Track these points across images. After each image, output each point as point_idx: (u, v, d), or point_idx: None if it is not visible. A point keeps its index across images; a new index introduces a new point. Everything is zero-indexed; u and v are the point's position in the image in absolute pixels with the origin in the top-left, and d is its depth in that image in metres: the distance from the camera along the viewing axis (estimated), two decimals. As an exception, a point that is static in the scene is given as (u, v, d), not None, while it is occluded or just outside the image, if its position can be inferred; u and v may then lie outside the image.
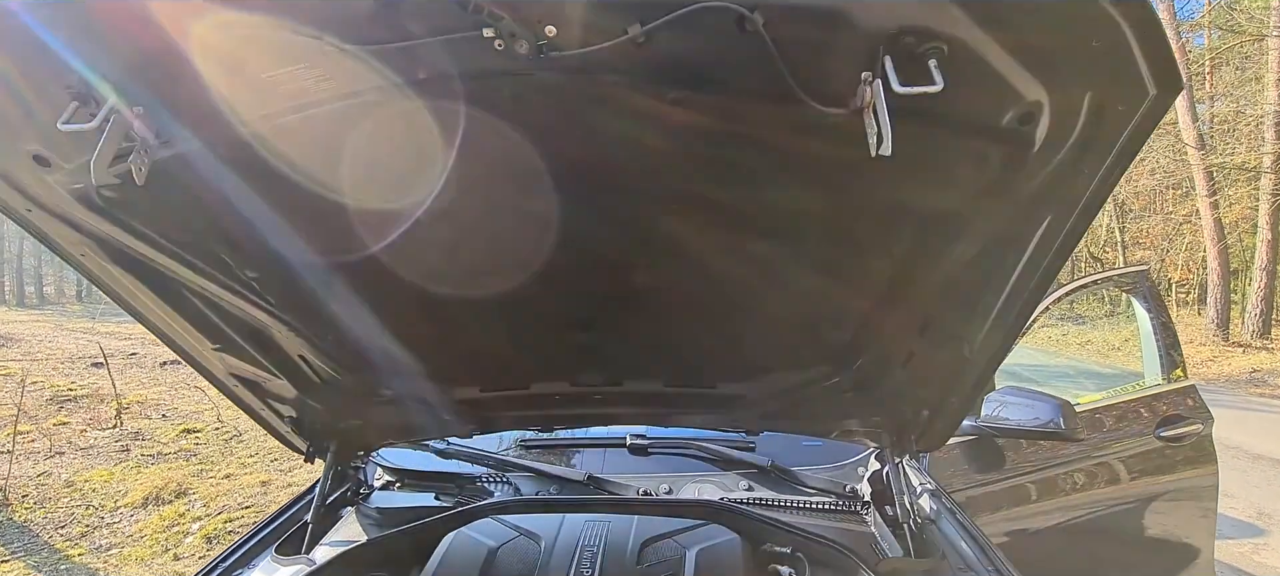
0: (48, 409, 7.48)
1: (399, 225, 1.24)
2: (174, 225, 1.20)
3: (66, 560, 4.29)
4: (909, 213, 1.16)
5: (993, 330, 1.40)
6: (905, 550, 1.71)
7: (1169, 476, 2.75)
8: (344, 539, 1.86)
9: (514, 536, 1.77)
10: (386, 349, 1.65)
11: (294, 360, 1.68)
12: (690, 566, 1.61)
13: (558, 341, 1.57)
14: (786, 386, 1.73)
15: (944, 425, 1.78)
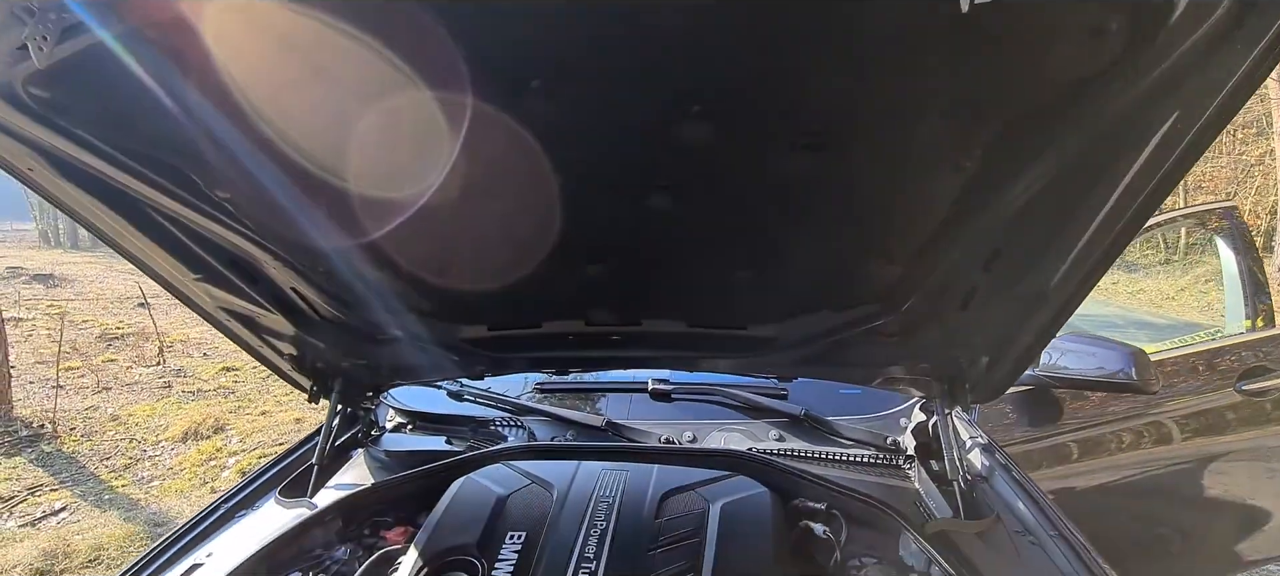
0: (96, 346, 7.76)
1: (388, 141, 1.07)
2: (117, 132, 1.05)
3: (110, 490, 4.45)
4: (993, 107, 0.93)
5: (1077, 264, 1.18)
6: (954, 510, 1.54)
7: (1249, 432, 2.50)
8: (350, 481, 1.78)
9: (525, 484, 1.66)
10: (385, 283, 1.51)
11: (287, 294, 1.55)
12: (714, 521, 1.47)
13: (566, 276, 1.40)
14: (825, 328, 1.54)
15: (1004, 375, 1.57)
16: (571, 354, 1.75)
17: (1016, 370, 1.55)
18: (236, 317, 1.62)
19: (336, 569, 1.50)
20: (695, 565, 1.34)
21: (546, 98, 0.93)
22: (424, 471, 1.78)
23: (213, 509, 1.71)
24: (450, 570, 1.39)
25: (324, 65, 0.94)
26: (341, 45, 0.87)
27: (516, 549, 1.41)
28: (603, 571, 1.33)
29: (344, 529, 1.65)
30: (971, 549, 1.38)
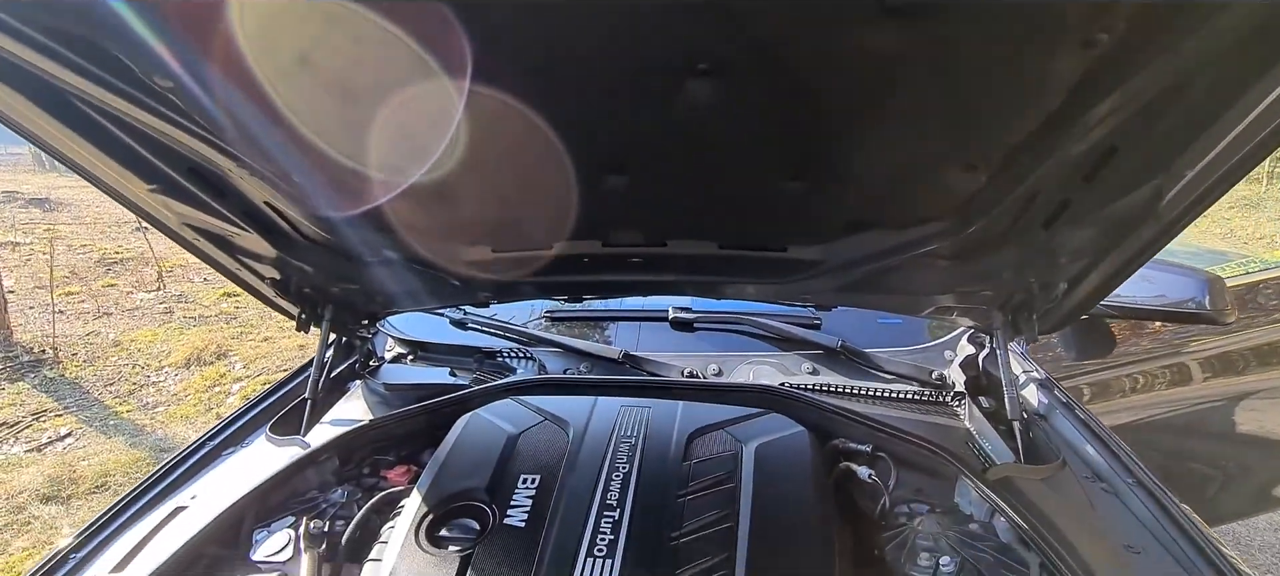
0: (95, 271, 7.63)
1: (365, 24, 0.84)
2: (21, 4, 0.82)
3: (115, 416, 4.41)
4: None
5: (1198, 180, 0.97)
6: (1014, 453, 1.39)
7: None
8: (347, 417, 1.63)
9: (537, 421, 1.51)
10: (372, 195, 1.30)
11: (261, 210, 1.35)
12: (748, 464, 1.33)
13: (583, 189, 1.18)
14: (879, 250, 1.34)
15: (1080, 302, 1.38)
16: (586, 278, 1.57)
17: (1096, 298, 1.36)
18: (207, 237, 1.42)
19: (334, 512, 1.37)
20: (731, 513, 1.20)
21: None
22: (427, 406, 1.63)
23: (198, 446, 1.57)
24: (458, 516, 1.25)
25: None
26: None
27: (530, 494, 1.27)
28: (628, 519, 1.19)
29: (341, 469, 1.52)
30: (1038, 497, 1.23)
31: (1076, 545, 1.11)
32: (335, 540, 1.29)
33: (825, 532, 1.17)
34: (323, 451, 1.48)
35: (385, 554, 1.19)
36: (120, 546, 1.24)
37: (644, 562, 1.09)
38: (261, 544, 1.28)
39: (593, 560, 1.10)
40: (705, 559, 1.10)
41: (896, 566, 1.20)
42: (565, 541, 1.14)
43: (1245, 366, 2.51)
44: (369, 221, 1.36)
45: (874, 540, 1.29)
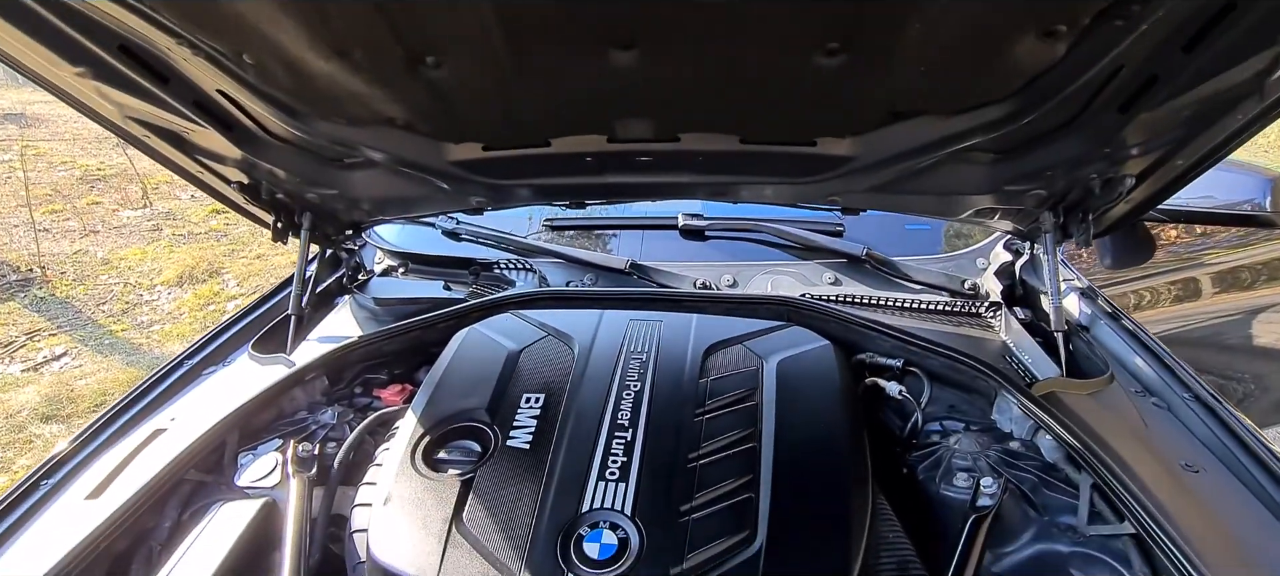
0: (79, 188, 7.39)
1: None
2: None
3: (110, 335, 4.34)
4: None
5: None
6: (1056, 366, 1.28)
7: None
8: (334, 334, 1.52)
9: (540, 336, 1.39)
10: (341, 84, 1.12)
11: (215, 101, 1.17)
12: (770, 380, 1.22)
13: (585, 68, 1.00)
14: (922, 142, 1.17)
15: (1144, 200, 1.24)
16: (589, 181, 1.41)
17: (1165, 194, 1.21)
18: (158, 133, 1.25)
19: (324, 435, 1.28)
20: (753, 433, 1.10)
21: None
22: (421, 322, 1.51)
23: (175, 365, 1.47)
24: (457, 438, 1.16)
25: None
26: None
27: (534, 414, 1.17)
28: (642, 440, 1.09)
29: (330, 388, 1.42)
30: (1087, 413, 1.13)
31: (1130, 464, 1.01)
32: (326, 463, 1.21)
33: (856, 453, 1.07)
34: (310, 370, 1.37)
35: (380, 478, 1.10)
36: (95, 471, 1.15)
37: (660, 486, 1.00)
38: (247, 468, 1.19)
39: (604, 484, 1.01)
40: (727, 481, 1.01)
41: (930, 488, 1.12)
42: (574, 464, 1.05)
43: (1253, 281, 2.41)
44: (342, 114, 1.19)
45: (905, 461, 1.20)
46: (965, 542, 0.91)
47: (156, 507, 1.13)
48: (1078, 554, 0.98)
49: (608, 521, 0.96)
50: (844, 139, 1.21)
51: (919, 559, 0.99)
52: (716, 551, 0.91)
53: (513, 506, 0.99)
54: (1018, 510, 1.03)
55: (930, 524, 1.09)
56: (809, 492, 0.99)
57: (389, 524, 1.00)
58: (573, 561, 0.91)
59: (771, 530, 0.93)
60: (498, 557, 0.92)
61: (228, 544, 1.04)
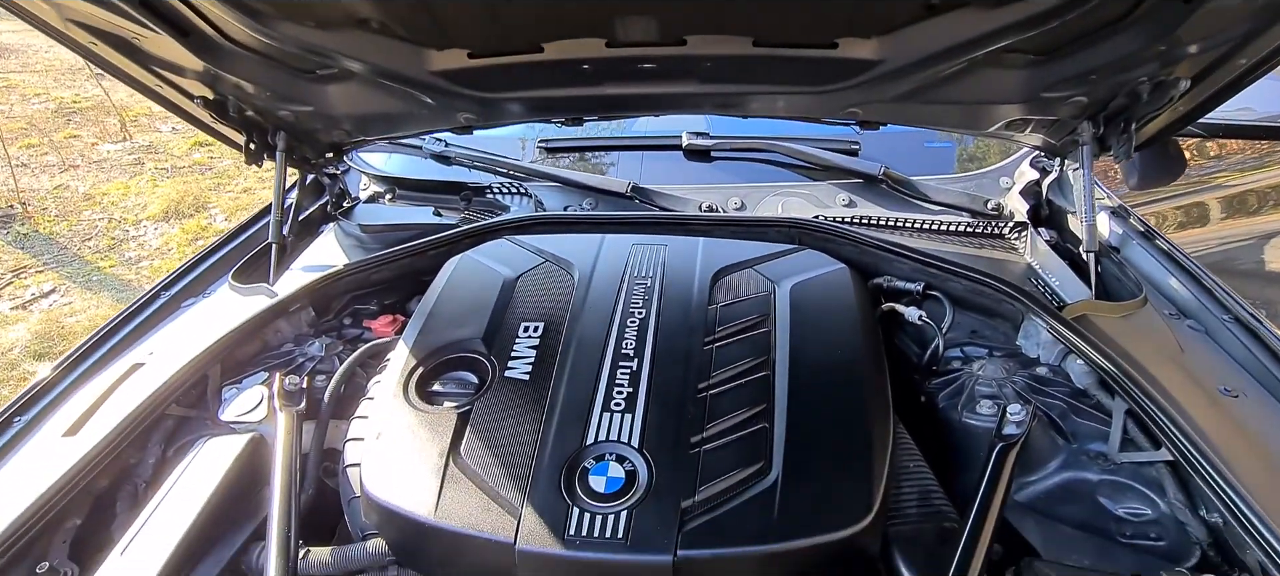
0: (55, 121, 7.10)
1: None
2: None
3: (98, 271, 4.24)
4: None
5: None
6: (1085, 287, 1.21)
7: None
8: (318, 264, 1.43)
9: (538, 263, 1.31)
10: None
11: (166, 2, 1.04)
12: (783, 305, 1.15)
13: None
14: (955, 43, 1.05)
15: (1193, 109, 1.13)
16: (586, 92, 1.29)
17: (1216, 101, 1.10)
18: (106, 40, 1.12)
19: (312, 367, 1.21)
20: (765, 361, 1.03)
21: None
22: (410, 249, 1.42)
23: (151, 297, 1.39)
24: (452, 369, 1.09)
25: None
26: None
27: (533, 343, 1.10)
28: (648, 369, 1.03)
29: (317, 320, 1.35)
30: (1120, 337, 1.07)
31: (1166, 389, 0.96)
32: (315, 397, 1.14)
33: (876, 380, 1.01)
34: (293, 300, 1.30)
35: (372, 411, 1.04)
36: (72, 407, 1.09)
37: (669, 417, 0.95)
38: (231, 402, 1.13)
39: (610, 415, 0.95)
40: (739, 411, 0.95)
41: (951, 416, 1.06)
42: (577, 395, 0.99)
43: (1260, 206, 2.32)
44: (309, 16, 1.06)
45: (923, 389, 1.15)
46: (991, 471, 0.86)
47: (138, 443, 1.07)
48: (1107, 482, 0.93)
49: (614, 454, 0.90)
50: (869, 39, 1.09)
51: (941, 489, 0.94)
52: (730, 483, 0.86)
53: (513, 439, 0.94)
54: (1045, 437, 0.98)
55: (951, 454, 1.04)
56: (826, 421, 0.94)
57: (383, 458, 0.95)
58: (578, 495, 0.86)
59: (787, 460, 0.88)
60: (498, 492, 0.86)
61: (215, 480, 0.98)
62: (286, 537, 0.86)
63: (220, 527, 0.96)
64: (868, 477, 0.86)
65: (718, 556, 0.79)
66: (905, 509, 0.90)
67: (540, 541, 0.81)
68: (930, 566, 0.84)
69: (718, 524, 0.81)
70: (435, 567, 0.92)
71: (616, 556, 0.80)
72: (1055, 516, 0.95)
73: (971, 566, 0.76)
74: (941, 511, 0.91)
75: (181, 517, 0.94)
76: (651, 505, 0.84)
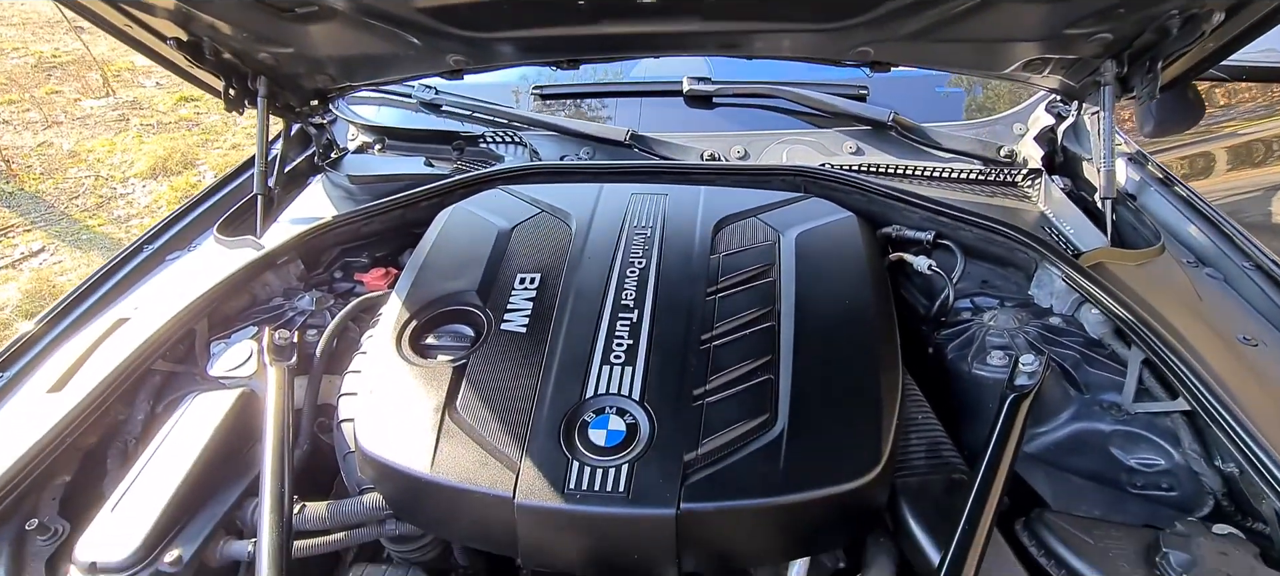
0: (35, 76, 6.90)
1: None
2: None
3: (87, 230, 4.18)
4: None
5: None
6: (1102, 235, 1.17)
7: None
8: (306, 216, 1.38)
9: (533, 212, 1.26)
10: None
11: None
12: (789, 254, 1.11)
13: None
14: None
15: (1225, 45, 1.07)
16: (581, 31, 1.22)
17: (1249, 37, 1.04)
18: (68, -26, 1.05)
19: (302, 322, 1.18)
20: (770, 311, 1.00)
21: None
22: (402, 199, 1.37)
23: (134, 250, 1.34)
24: (447, 322, 1.06)
25: None
26: None
27: (530, 295, 1.06)
28: (649, 321, 0.99)
29: (306, 273, 1.30)
30: (1137, 285, 1.03)
31: (1184, 337, 0.93)
32: (307, 352, 1.11)
33: (885, 330, 0.98)
34: (281, 253, 1.25)
35: (366, 366, 1.01)
36: (56, 363, 1.06)
37: (671, 369, 0.92)
38: (220, 357, 1.10)
39: (609, 367, 0.92)
40: (744, 363, 0.92)
41: (960, 367, 1.03)
42: (576, 347, 0.96)
43: (1267, 156, 2.26)
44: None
45: (931, 340, 1.12)
46: (1004, 423, 0.84)
47: (125, 399, 1.05)
48: (1120, 432, 0.91)
49: (614, 407, 0.88)
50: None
51: (950, 441, 0.92)
52: (734, 435, 0.83)
53: (510, 393, 0.91)
54: (1057, 388, 0.95)
55: (959, 406, 1.02)
56: (834, 372, 0.91)
57: (377, 413, 0.92)
58: (577, 448, 0.83)
59: (793, 412, 0.85)
60: (495, 446, 0.84)
61: (205, 435, 0.96)
62: (280, 493, 0.84)
63: (212, 483, 0.94)
64: (876, 429, 0.83)
65: (722, 508, 0.77)
66: (913, 461, 0.88)
67: (540, 495, 0.79)
68: (939, 518, 0.82)
69: (722, 476, 0.79)
70: (433, 522, 0.90)
71: (618, 510, 0.77)
72: (1065, 467, 0.93)
73: (981, 518, 0.74)
74: (950, 463, 0.89)
75: (173, 473, 0.91)
76: (653, 458, 0.81)
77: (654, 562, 0.81)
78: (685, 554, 0.79)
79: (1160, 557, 0.74)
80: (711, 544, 0.80)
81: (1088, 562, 0.75)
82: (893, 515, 0.86)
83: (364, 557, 1.05)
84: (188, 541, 0.88)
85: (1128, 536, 0.78)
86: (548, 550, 0.83)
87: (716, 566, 0.84)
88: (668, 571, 0.81)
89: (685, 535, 0.77)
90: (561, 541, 0.82)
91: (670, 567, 0.80)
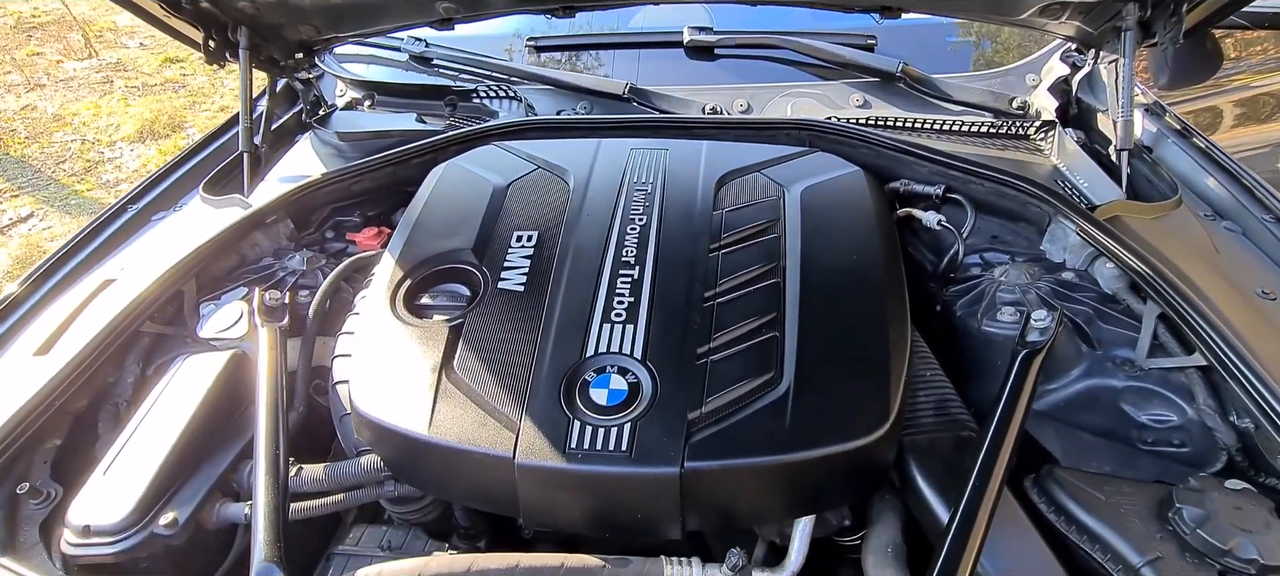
0: (14, 37, 6.71)
1: None
2: None
3: (76, 195, 4.10)
4: None
5: None
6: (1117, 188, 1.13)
7: None
8: (295, 174, 1.34)
9: (530, 169, 1.22)
10: None
11: None
12: (793, 210, 1.07)
13: None
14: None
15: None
16: (579, -24, 1.16)
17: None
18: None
19: (294, 282, 1.15)
20: (775, 268, 0.97)
21: None
22: (393, 156, 1.33)
23: (117, 211, 1.30)
24: (442, 281, 1.03)
25: None
26: None
27: (527, 254, 1.03)
28: (650, 278, 0.96)
29: (297, 233, 1.27)
30: (1154, 238, 1.00)
31: (1202, 291, 0.90)
32: (299, 313, 1.08)
33: (893, 287, 0.95)
34: (270, 211, 1.21)
35: (359, 326, 0.98)
36: (42, 326, 1.03)
37: (673, 327, 0.89)
38: (209, 318, 1.07)
39: (610, 326, 0.90)
40: (748, 320, 0.90)
41: (969, 324, 1.01)
42: (575, 305, 0.93)
43: (1276, 110, 2.20)
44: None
45: (939, 297, 1.09)
46: (1015, 380, 0.82)
47: (113, 362, 1.02)
48: (1132, 388, 0.89)
49: (615, 365, 0.85)
50: None
51: (959, 398, 0.90)
52: (739, 393, 0.81)
53: (508, 352, 0.88)
54: (1070, 344, 0.93)
55: (968, 364, 0.99)
56: (841, 329, 0.88)
57: (372, 374, 0.90)
58: (578, 408, 0.81)
59: (800, 369, 0.83)
60: (494, 406, 0.82)
61: (197, 397, 0.94)
62: (275, 454, 0.82)
63: (206, 445, 0.92)
64: (884, 385, 0.81)
65: (727, 467, 0.76)
66: (922, 418, 0.87)
67: (540, 455, 0.77)
68: (947, 476, 0.81)
69: (726, 435, 0.77)
70: (431, 483, 0.89)
71: (621, 469, 0.76)
72: (1074, 424, 0.91)
73: (992, 476, 0.72)
74: (959, 420, 0.87)
75: (165, 436, 0.89)
76: (656, 417, 0.79)
77: (657, 522, 0.79)
78: (689, 513, 0.78)
79: (1173, 513, 0.73)
80: (716, 502, 0.78)
81: (1099, 519, 0.74)
82: (900, 473, 0.84)
83: (364, 519, 1.04)
84: (183, 504, 0.86)
85: (1140, 492, 0.77)
86: (549, 510, 0.82)
87: (721, 525, 0.82)
88: (671, 530, 0.80)
89: (689, 494, 0.76)
90: (563, 501, 0.80)
91: (674, 527, 0.79)
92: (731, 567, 0.79)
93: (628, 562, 0.80)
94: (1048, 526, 0.77)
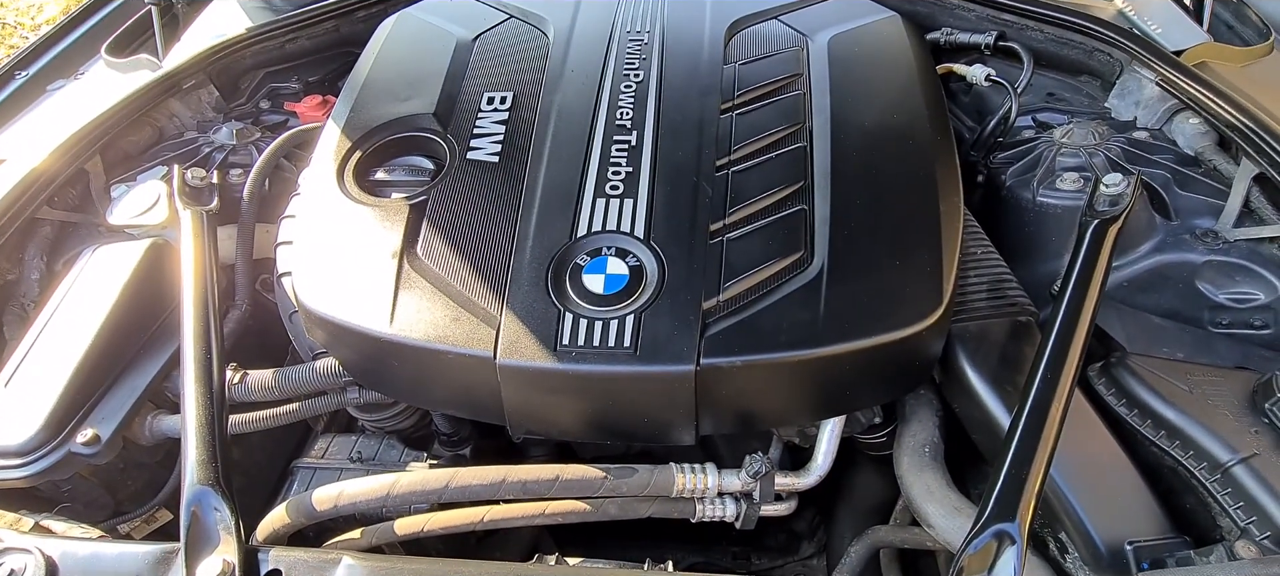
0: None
1: None
2: None
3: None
4: None
5: None
6: (1200, 31, 0.96)
7: None
8: (216, 31, 1.11)
9: (500, 18, 1.02)
10: None
11: None
12: (819, 62, 0.90)
13: None
14: None
15: None
16: None
17: None
18: None
19: (222, 159, 0.96)
20: (800, 129, 0.81)
21: None
22: (334, 8, 1.11)
23: (4, 77, 1.08)
24: (400, 152, 0.86)
25: None
26: None
27: (501, 118, 0.85)
28: (651, 143, 0.80)
29: (223, 102, 1.06)
30: (1246, 85, 0.85)
31: (1304, 147, 0.76)
32: (231, 194, 0.91)
33: (942, 146, 0.80)
34: (186, 73, 1.01)
35: (303, 208, 0.82)
36: None
37: (681, 200, 0.74)
38: (121, 201, 0.89)
39: (605, 201, 0.75)
40: (771, 191, 0.75)
41: (1022, 195, 0.87)
42: (562, 178, 0.77)
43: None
44: None
45: (985, 164, 0.94)
46: (1087, 253, 0.69)
47: (10, 255, 0.86)
48: (1213, 264, 0.77)
49: (613, 247, 0.71)
50: None
51: (1015, 278, 0.77)
52: (762, 277, 0.68)
53: (482, 234, 0.73)
54: (1143, 214, 0.79)
55: (1018, 241, 0.86)
56: (881, 200, 0.74)
57: (321, 264, 0.75)
58: (569, 297, 0.67)
59: (834, 248, 0.69)
60: (467, 296, 0.68)
61: (111, 294, 0.79)
62: (207, 357, 0.68)
63: (126, 349, 0.78)
64: (935, 264, 0.68)
65: (751, 363, 0.63)
66: (974, 302, 0.74)
67: (526, 354, 0.64)
68: (1002, 367, 0.69)
69: (749, 325, 0.64)
70: (400, 388, 0.76)
71: (624, 368, 0.63)
72: (1136, 305, 0.80)
73: (1066, 365, 0.60)
74: (1018, 303, 0.75)
75: (76, 339, 0.75)
76: (664, 306, 0.66)
77: (667, 427, 0.68)
78: (704, 417, 0.66)
79: (1272, 403, 0.62)
80: (736, 404, 0.67)
81: (1182, 412, 0.64)
82: (943, 363, 0.73)
83: (334, 428, 0.93)
84: (106, 419, 0.73)
85: (1226, 380, 0.66)
86: (539, 416, 0.70)
87: (739, 428, 0.71)
88: (684, 436, 0.69)
89: (705, 395, 0.64)
90: (556, 405, 0.68)
91: (687, 432, 0.68)
92: (752, 474, 0.69)
93: (632, 471, 0.69)
94: (1119, 422, 0.67)
